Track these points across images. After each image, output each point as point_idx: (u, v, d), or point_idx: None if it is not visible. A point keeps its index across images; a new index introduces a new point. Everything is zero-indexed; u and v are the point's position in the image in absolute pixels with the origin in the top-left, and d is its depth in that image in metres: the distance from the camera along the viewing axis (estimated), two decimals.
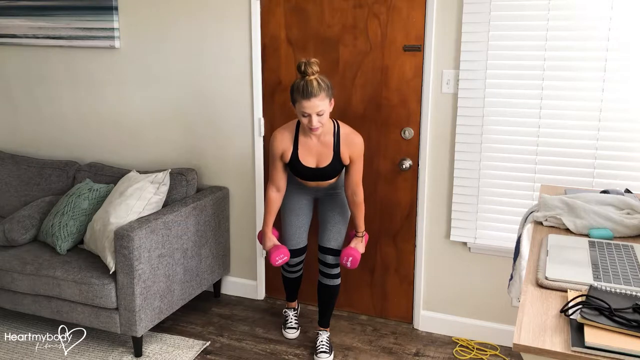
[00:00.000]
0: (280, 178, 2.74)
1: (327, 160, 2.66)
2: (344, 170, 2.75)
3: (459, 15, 2.79)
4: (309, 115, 2.48)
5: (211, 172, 3.47)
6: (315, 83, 2.45)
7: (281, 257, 2.75)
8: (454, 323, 3.10)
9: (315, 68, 2.47)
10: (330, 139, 2.63)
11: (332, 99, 2.54)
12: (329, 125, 2.62)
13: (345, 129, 2.66)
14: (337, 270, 2.89)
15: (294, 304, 3.22)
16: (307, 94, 2.44)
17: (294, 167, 2.70)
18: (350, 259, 2.73)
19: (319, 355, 2.89)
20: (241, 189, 3.43)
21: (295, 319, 3.17)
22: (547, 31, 2.64)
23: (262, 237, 2.85)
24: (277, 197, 2.78)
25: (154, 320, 2.90)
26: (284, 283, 3.12)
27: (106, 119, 3.65)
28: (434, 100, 2.92)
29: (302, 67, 2.47)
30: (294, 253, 2.90)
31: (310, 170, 2.69)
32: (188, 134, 3.46)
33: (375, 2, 2.94)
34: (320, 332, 2.99)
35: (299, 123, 2.65)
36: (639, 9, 2.50)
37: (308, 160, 2.67)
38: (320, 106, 2.46)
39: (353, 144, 2.64)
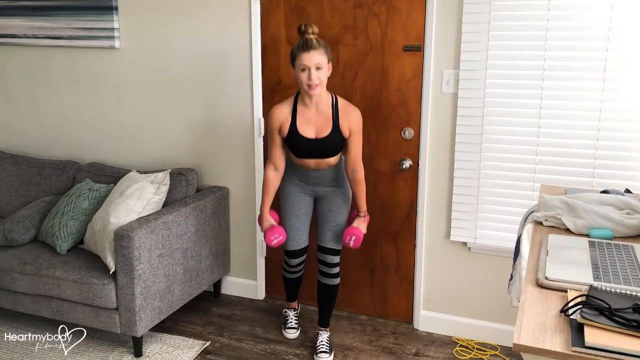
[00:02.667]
0: (279, 155, 2.76)
1: (326, 130, 2.66)
2: (343, 151, 2.75)
3: (459, 15, 2.79)
4: (308, 70, 2.51)
5: (211, 172, 3.47)
6: (314, 40, 2.53)
7: (276, 237, 2.75)
8: (454, 323, 3.10)
9: (315, 29, 2.56)
10: (328, 110, 2.65)
11: (330, 63, 2.60)
12: (327, 97, 2.65)
13: (343, 101, 2.70)
14: (336, 270, 2.89)
15: (294, 304, 3.22)
16: (307, 47, 2.51)
17: (293, 141, 2.68)
18: (354, 237, 2.74)
19: (319, 355, 2.89)
20: (241, 189, 3.43)
21: (296, 319, 3.17)
22: (547, 31, 2.64)
23: (260, 219, 2.87)
24: (275, 177, 2.79)
25: (154, 320, 2.90)
26: (284, 283, 3.12)
27: (106, 119, 3.65)
28: (434, 100, 2.92)
29: (303, 27, 2.56)
30: (295, 254, 2.90)
31: (309, 142, 2.67)
32: (188, 133, 3.46)
33: (375, 2, 2.94)
34: (320, 332, 2.99)
35: (297, 97, 2.68)
36: (639, 9, 2.50)
37: (307, 130, 2.67)
38: (318, 59, 2.52)
39: (351, 115, 2.67)
